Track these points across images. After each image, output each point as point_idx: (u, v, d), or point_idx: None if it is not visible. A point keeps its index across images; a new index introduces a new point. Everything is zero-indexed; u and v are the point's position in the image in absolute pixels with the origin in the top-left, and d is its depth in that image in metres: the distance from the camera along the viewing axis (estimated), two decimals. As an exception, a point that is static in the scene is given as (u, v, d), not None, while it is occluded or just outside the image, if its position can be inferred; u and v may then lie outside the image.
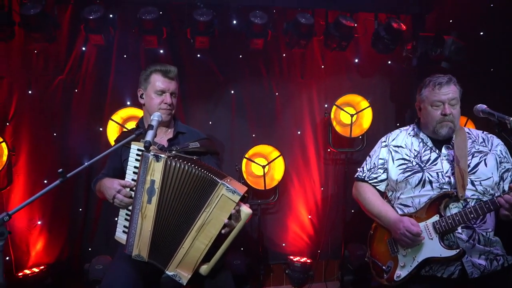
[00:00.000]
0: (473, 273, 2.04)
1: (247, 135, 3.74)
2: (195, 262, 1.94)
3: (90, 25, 2.99)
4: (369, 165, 2.47)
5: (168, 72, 2.27)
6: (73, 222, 3.44)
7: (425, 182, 2.17)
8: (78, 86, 3.40)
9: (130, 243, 1.99)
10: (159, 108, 2.26)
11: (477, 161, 2.16)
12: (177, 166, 1.90)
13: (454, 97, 2.15)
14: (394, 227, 2.15)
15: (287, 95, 3.82)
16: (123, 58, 3.45)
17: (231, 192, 1.85)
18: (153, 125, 2.00)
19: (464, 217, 1.98)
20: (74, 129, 3.41)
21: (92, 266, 3.22)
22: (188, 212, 1.93)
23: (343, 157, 3.86)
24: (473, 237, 2.07)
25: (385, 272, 2.22)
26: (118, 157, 2.32)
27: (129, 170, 2.03)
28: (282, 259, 3.81)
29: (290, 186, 3.83)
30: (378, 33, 3.44)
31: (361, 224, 3.74)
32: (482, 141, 2.25)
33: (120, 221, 2.08)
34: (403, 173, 2.26)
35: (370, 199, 2.37)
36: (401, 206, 2.27)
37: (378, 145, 2.48)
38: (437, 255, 2.03)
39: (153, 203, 1.92)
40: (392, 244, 2.22)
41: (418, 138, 2.32)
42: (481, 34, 3.59)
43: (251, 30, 3.24)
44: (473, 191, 2.10)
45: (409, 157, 2.28)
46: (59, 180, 1.80)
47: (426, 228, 2.09)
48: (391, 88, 4.00)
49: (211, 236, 1.90)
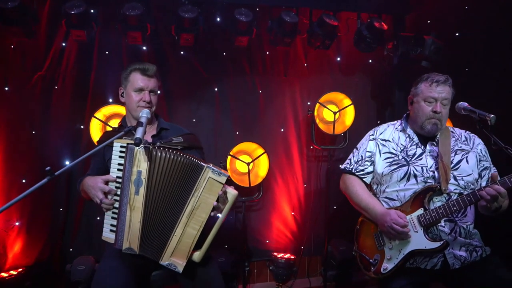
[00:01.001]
0: (454, 264, 2.13)
1: (231, 133, 3.74)
2: (188, 249, 1.96)
3: (72, 20, 2.92)
4: (356, 157, 2.51)
5: (147, 70, 2.25)
6: (54, 222, 3.35)
7: (410, 176, 2.24)
8: (58, 82, 3.31)
9: (120, 237, 1.97)
10: (138, 105, 2.25)
11: (460, 158, 2.25)
12: (163, 155, 1.93)
13: (447, 97, 2.22)
14: (381, 220, 2.21)
15: (270, 92, 3.84)
16: (105, 55, 3.38)
17: (217, 174, 1.90)
18: (142, 122, 2.00)
19: (447, 210, 2.06)
20: (54, 127, 3.32)
21: (74, 267, 3.14)
22: (177, 199, 1.95)
23: (325, 154, 3.92)
24: (455, 230, 2.16)
25: (372, 265, 2.27)
26: (101, 157, 2.29)
27: (113, 168, 2.02)
28: (266, 255, 3.83)
29: (273, 183, 3.86)
30: (360, 32, 3.51)
31: (344, 220, 3.86)
32: (465, 139, 2.35)
33: (106, 220, 2.04)
34: (389, 166, 2.32)
35: (358, 192, 2.41)
36: (386, 199, 2.33)
37: (366, 138, 2.53)
38: (422, 247, 2.10)
39: (141, 193, 1.94)
40: (379, 237, 2.28)
41: (405, 133, 2.38)
42: (456, 35, 3.71)
43: (236, 27, 3.24)
44: (455, 186, 2.19)
45: (395, 151, 2.35)
46: (46, 179, 1.74)
47: (411, 221, 2.15)
48: (372, 86, 4.08)
49: (202, 220, 1.94)
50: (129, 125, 2.27)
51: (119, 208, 1.97)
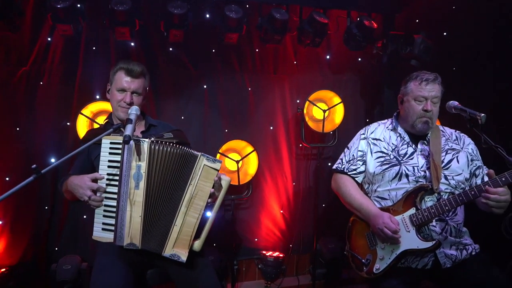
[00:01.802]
0: (445, 263, 2.14)
1: (220, 130, 3.71)
2: (189, 238, 1.97)
3: (58, 14, 2.85)
4: (348, 156, 2.50)
5: (131, 71, 2.21)
6: (38, 221, 3.29)
7: (402, 175, 2.24)
8: (44, 78, 3.24)
9: (120, 233, 1.94)
10: (118, 105, 2.23)
11: (450, 157, 2.26)
12: (161, 148, 1.95)
13: (437, 96, 2.22)
14: (374, 221, 2.20)
15: (260, 90, 3.82)
16: (92, 50, 3.32)
17: (212, 161, 1.97)
18: (132, 118, 2.00)
19: (439, 209, 2.06)
20: (39, 123, 3.25)
21: (59, 266, 3.08)
22: (176, 189, 1.97)
23: (315, 152, 3.92)
24: (446, 229, 2.16)
25: (364, 265, 2.26)
26: (86, 155, 2.25)
27: (102, 165, 1.98)
28: (255, 254, 3.82)
29: (262, 181, 3.84)
30: (350, 30, 3.51)
31: (332, 218, 3.87)
32: (455, 139, 2.36)
33: (97, 219, 1.99)
34: (381, 165, 2.31)
35: (351, 191, 2.39)
36: (378, 198, 2.33)
37: (357, 137, 2.51)
38: (415, 247, 2.10)
39: (141, 187, 1.93)
40: (371, 237, 2.28)
41: (396, 132, 2.38)
42: (444, 34, 3.75)
43: (226, 24, 3.20)
44: (446, 185, 2.20)
45: (387, 150, 2.34)
46: (32, 177, 1.70)
47: (403, 221, 2.16)
48: (361, 85, 4.10)
49: (200, 208, 1.97)
50: (116, 123, 2.25)
51: (118, 204, 1.94)
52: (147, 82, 2.34)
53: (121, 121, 2.25)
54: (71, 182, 2.02)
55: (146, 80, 2.32)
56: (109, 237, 1.97)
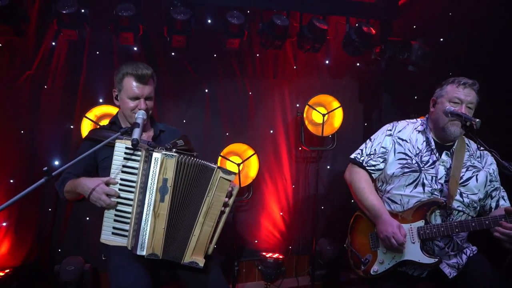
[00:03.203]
0: (451, 273, 2.16)
1: (221, 134, 3.77)
2: (205, 245, 2.03)
3: (63, 20, 2.90)
4: (369, 149, 2.40)
5: (142, 77, 2.17)
6: (42, 222, 3.33)
7: (419, 183, 2.21)
8: (48, 81, 3.29)
9: (141, 243, 1.95)
10: (133, 113, 2.19)
11: (470, 175, 2.22)
12: (186, 162, 1.98)
13: (472, 102, 2.17)
14: (383, 227, 2.17)
15: (260, 94, 3.89)
16: (96, 54, 3.37)
17: (227, 173, 2.01)
18: (139, 123, 2.04)
19: (449, 230, 2.07)
20: (43, 126, 3.29)
21: (62, 267, 3.13)
22: (196, 201, 2.01)
23: (314, 155, 3.99)
24: (449, 245, 2.18)
25: (363, 264, 2.29)
26: (91, 156, 2.18)
27: (114, 169, 2.00)
28: (255, 255, 3.87)
29: (262, 183, 3.90)
30: (349, 36, 3.58)
31: (331, 220, 3.93)
32: (479, 156, 2.31)
33: (107, 223, 2.01)
34: (401, 168, 2.26)
35: (365, 189, 2.32)
36: (388, 200, 2.31)
37: (382, 131, 2.42)
38: (416, 259, 2.12)
39: (166, 201, 1.96)
40: (375, 238, 2.28)
41: (423, 136, 2.32)
42: (441, 40, 3.82)
43: (228, 29, 3.26)
44: (459, 203, 2.17)
45: (410, 153, 2.28)
46: (44, 179, 1.72)
47: (410, 231, 2.15)
48: (360, 89, 4.17)
49: (215, 217, 2.02)
50: (124, 126, 2.27)
51: (139, 214, 1.96)
52: (155, 82, 2.31)
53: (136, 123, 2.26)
54: (80, 184, 2.02)
55: (155, 81, 2.30)
56: (120, 241, 1.99)
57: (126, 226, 2.00)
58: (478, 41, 3.47)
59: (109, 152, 2.03)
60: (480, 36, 3.44)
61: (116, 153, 1.99)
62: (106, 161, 2.05)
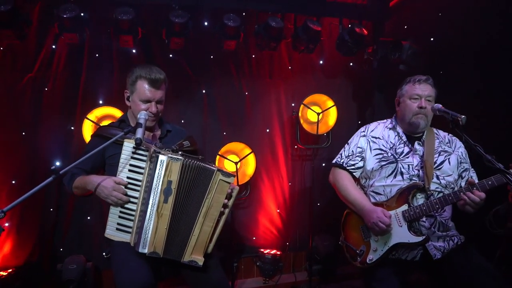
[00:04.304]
0: (436, 255, 2.30)
1: (218, 133, 3.84)
2: (204, 245, 2.10)
3: (64, 23, 2.97)
4: (347, 152, 2.63)
5: (155, 82, 2.25)
6: (44, 222, 3.38)
7: (397, 172, 2.41)
8: (49, 84, 3.35)
9: (144, 241, 2.02)
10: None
11: (443, 159, 2.43)
12: (191, 165, 2.03)
13: (430, 95, 2.41)
14: (368, 216, 2.34)
15: (256, 94, 3.97)
16: (95, 57, 3.44)
17: (226, 176, 2.06)
18: (141, 123, 2.09)
19: (430, 208, 2.24)
20: (44, 128, 3.35)
21: (65, 266, 3.19)
22: (196, 202, 2.07)
23: (309, 153, 4.08)
24: (434, 224, 2.34)
25: (358, 255, 2.41)
26: (100, 152, 2.21)
27: (122, 167, 2.08)
28: (253, 252, 3.96)
29: (260, 181, 3.98)
30: (342, 37, 3.68)
31: (327, 216, 4.01)
32: (448, 142, 2.53)
33: (112, 219, 2.10)
34: (379, 162, 2.47)
35: (347, 186, 2.54)
36: (373, 193, 2.49)
37: (357, 134, 2.65)
38: (406, 240, 2.26)
39: (170, 202, 2.02)
40: (365, 230, 2.42)
41: (394, 131, 2.54)
42: (431, 40, 3.94)
43: (224, 32, 3.35)
44: (437, 185, 2.36)
45: (385, 148, 2.50)
46: (52, 177, 1.80)
47: (396, 216, 2.31)
48: (353, 88, 4.26)
49: (214, 218, 2.09)
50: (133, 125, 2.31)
51: (143, 213, 2.03)
52: (167, 86, 2.38)
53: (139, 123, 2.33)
54: (92, 181, 2.10)
55: (167, 85, 2.36)
56: (123, 237, 2.09)
57: (130, 223, 2.08)
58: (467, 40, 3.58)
59: (117, 150, 2.11)
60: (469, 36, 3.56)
61: (124, 151, 2.07)
62: (113, 158, 2.13)
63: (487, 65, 3.53)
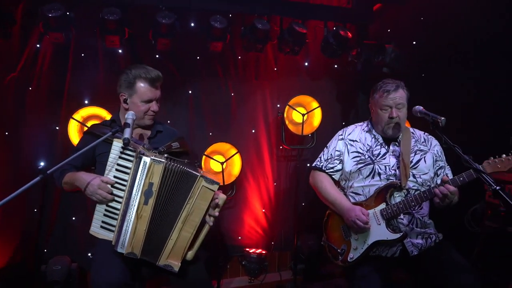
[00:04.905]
0: (413, 251, 2.38)
1: (205, 134, 3.86)
2: (183, 251, 2.08)
3: (50, 23, 2.95)
4: (326, 155, 2.69)
5: (155, 81, 2.32)
6: (28, 223, 3.34)
7: (375, 173, 2.47)
8: (33, 83, 3.31)
9: (122, 241, 2.04)
10: (146, 114, 2.34)
11: (418, 158, 2.50)
12: (173, 169, 2.03)
13: (400, 102, 2.44)
14: (347, 215, 2.41)
15: (242, 95, 4.00)
16: (81, 57, 3.42)
17: (210, 182, 2.03)
18: (129, 123, 2.10)
19: (407, 205, 2.32)
20: (28, 128, 3.31)
21: (49, 267, 3.16)
22: (176, 206, 2.06)
23: (294, 154, 4.14)
24: (412, 221, 2.42)
25: (340, 254, 2.48)
26: (90, 149, 2.23)
27: (110, 166, 2.09)
28: (239, 251, 3.99)
29: (245, 181, 4.01)
30: (327, 40, 3.74)
31: (311, 216, 4.06)
32: (424, 141, 2.60)
33: (97, 216, 2.11)
34: (356, 164, 2.53)
35: (327, 187, 2.60)
36: (353, 194, 2.55)
37: (335, 138, 2.72)
38: (384, 238, 2.34)
39: (150, 204, 2.03)
40: (346, 229, 2.49)
41: (371, 134, 2.60)
42: (413, 43, 4.04)
43: (211, 33, 3.37)
44: (414, 183, 2.44)
45: (362, 150, 2.56)
46: (39, 177, 1.81)
47: (374, 215, 2.38)
48: (337, 90, 4.34)
49: (195, 224, 2.07)
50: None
51: (124, 213, 2.04)
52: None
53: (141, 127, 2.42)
54: (80, 178, 2.13)
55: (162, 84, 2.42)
56: (106, 235, 2.09)
57: (114, 222, 2.09)
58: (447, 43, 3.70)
59: (106, 148, 2.13)
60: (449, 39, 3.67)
61: (112, 151, 2.09)
62: (103, 157, 2.14)
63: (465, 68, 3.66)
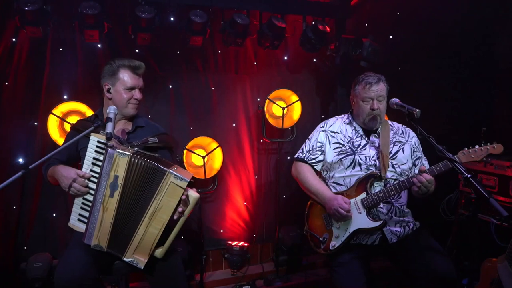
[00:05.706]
0: (392, 239, 2.46)
1: (186, 128, 3.88)
2: (150, 247, 2.08)
3: (26, 16, 2.90)
4: (308, 147, 2.74)
5: (138, 69, 2.36)
6: (6, 221, 3.30)
7: (356, 164, 2.54)
8: (9, 78, 3.25)
9: (90, 233, 2.06)
10: (129, 103, 2.35)
11: (397, 149, 2.58)
12: (139, 163, 2.03)
13: (381, 95, 2.51)
14: (329, 204, 2.48)
15: (222, 89, 4.02)
16: (59, 51, 3.38)
17: (179, 179, 2.01)
18: (111, 117, 2.11)
19: (386, 194, 2.40)
20: (5, 124, 3.26)
21: (30, 264, 3.12)
22: (143, 201, 2.06)
23: (275, 147, 4.19)
24: (391, 210, 2.50)
25: (321, 242, 2.55)
26: (74, 144, 2.30)
27: (87, 160, 2.10)
28: (221, 244, 4.03)
29: (226, 175, 4.05)
30: (306, 34, 3.78)
31: (293, 208, 4.14)
32: (402, 133, 2.68)
33: (75, 209, 2.13)
34: (337, 155, 2.59)
35: (309, 178, 2.66)
36: (334, 184, 2.62)
37: (317, 129, 2.76)
38: (365, 226, 2.42)
39: (115, 197, 2.03)
40: (328, 218, 2.56)
41: (351, 126, 2.67)
42: (390, 37, 4.14)
43: (191, 28, 3.37)
44: (393, 173, 2.53)
45: (343, 141, 2.63)
46: (21, 172, 1.82)
47: (355, 204, 2.46)
48: (316, 84, 4.40)
49: (163, 221, 2.05)
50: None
51: (92, 205, 2.05)
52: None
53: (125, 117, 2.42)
54: (58, 171, 2.14)
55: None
56: (82, 227, 2.10)
57: (88, 214, 2.09)
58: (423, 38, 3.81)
59: (87, 143, 2.12)
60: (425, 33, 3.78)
61: (90, 145, 2.10)
62: (84, 151, 2.14)
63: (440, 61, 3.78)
